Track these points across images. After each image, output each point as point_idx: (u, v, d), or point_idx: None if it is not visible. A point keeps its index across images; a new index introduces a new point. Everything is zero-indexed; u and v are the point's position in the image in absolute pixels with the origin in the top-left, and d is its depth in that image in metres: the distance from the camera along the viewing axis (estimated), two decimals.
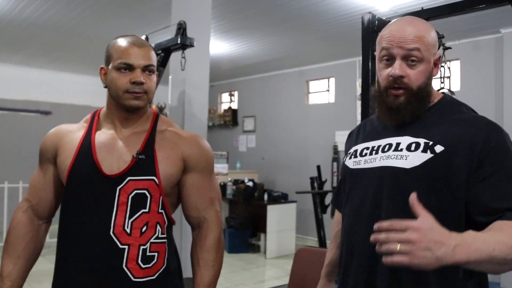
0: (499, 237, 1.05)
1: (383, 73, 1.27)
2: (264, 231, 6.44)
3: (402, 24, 1.27)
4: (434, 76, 1.31)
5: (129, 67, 1.39)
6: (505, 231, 1.08)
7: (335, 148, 6.98)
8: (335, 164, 6.94)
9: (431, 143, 1.21)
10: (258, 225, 6.61)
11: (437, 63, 1.30)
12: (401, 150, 1.24)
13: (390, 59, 1.26)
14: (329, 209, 5.98)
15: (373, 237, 1.00)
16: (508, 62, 5.24)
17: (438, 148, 1.19)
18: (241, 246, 6.57)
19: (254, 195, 6.60)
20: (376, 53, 1.32)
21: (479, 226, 1.15)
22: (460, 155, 1.18)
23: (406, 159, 1.22)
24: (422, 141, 1.22)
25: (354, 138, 1.48)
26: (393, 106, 1.26)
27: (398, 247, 0.95)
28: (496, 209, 1.14)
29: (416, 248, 0.95)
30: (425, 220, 0.98)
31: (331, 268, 1.58)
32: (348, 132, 1.57)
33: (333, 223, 1.62)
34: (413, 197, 1.03)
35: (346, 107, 7.00)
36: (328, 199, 6.18)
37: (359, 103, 6.94)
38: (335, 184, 6.84)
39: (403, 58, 1.23)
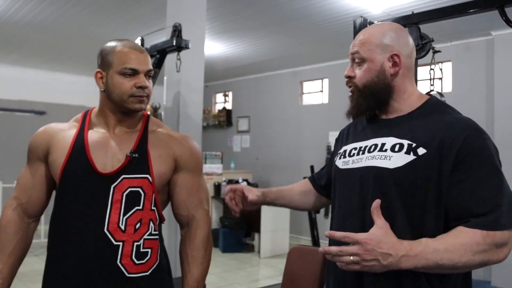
0: (451, 244, 1.13)
1: None
2: (258, 230, 6.47)
3: (360, 32, 1.42)
4: (392, 73, 1.33)
5: (134, 72, 1.43)
6: (460, 238, 1.14)
7: (328, 149, 7.02)
8: None
9: (414, 145, 1.24)
10: (252, 224, 6.64)
11: (396, 61, 1.33)
12: (386, 150, 1.28)
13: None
14: (322, 209, 6.02)
15: (322, 249, 1.17)
16: (498, 63, 5.31)
17: (421, 151, 1.22)
18: (235, 246, 6.60)
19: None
20: None
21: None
22: (440, 157, 1.21)
23: (389, 160, 1.25)
24: (406, 142, 1.26)
25: (344, 138, 1.53)
26: (349, 105, 1.40)
27: (351, 258, 1.13)
28: (465, 215, 1.17)
29: (364, 260, 1.13)
30: (375, 233, 1.15)
31: (275, 194, 1.67)
32: None
33: (301, 182, 1.75)
34: (376, 204, 1.18)
35: (339, 108, 6.93)
36: None
37: None
38: None
39: (352, 61, 1.38)
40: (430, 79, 2.20)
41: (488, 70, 5.50)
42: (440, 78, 2.25)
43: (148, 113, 1.68)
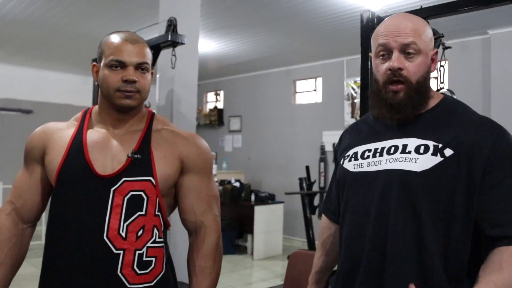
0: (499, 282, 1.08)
1: (381, 69, 1.25)
2: (251, 232, 6.38)
3: (397, 19, 1.26)
4: (432, 71, 1.28)
5: (121, 65, 1.32)
6: (505, 269, 1.09)
7: (322, 148, 6.95)
8: (322, 164, 6.91)
9: (440, 146, 1.17)
10: (245, 226, 6.54)
11: (434, 59, 1.28)
12: (409, 152, 1.20)
13: (387, 54, 1.24)
14: (317, 210, 5.95)
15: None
16: (495, 62, 5.28)
17: (448, 152, 1.16)
18: (227, 248, 6.48)
19: (241, 196, 6.53)
20: (372, 50, 1.30)
21: (486, 238, 1.15)
22: (469, 159, 1.15)
23: (415, 162, 1.18)
24: (431, 143, 1.19)
25: (348, 139, 1.43)
26: (393, 102, 1.23)
27: None
28: (500, 222, 1.14)
29: None
30: None
31: (320, 276, 1.58)
32: (335, 132, 1.53)
33: (321, 229, 1.58)
34: None
35: (333, 107, 6.97)
36: (317, 200, 6.15)
37: (346, 103, 6.98)
38: (322, 185, 6.81)
39: (400, 51, 1.22)
40: (441, 77, 2.12)
41: (485, 69, 5.46)
42: (436, 77, 2.19)
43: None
